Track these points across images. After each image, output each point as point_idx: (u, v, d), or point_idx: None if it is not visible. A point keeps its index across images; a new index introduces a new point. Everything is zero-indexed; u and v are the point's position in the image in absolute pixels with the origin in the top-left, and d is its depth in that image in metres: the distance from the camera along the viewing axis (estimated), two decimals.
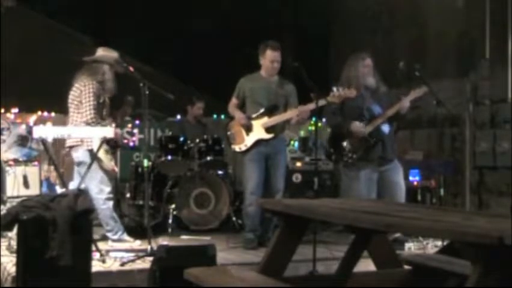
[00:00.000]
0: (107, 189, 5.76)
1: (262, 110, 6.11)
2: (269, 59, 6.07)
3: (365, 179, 5.96)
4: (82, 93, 5.65)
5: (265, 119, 6.09)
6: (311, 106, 5.78)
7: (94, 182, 5.66)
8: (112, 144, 5.72)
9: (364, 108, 6.01)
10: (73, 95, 5.73)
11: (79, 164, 5.70)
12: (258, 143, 6.08)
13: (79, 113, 5.67)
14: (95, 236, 5.28)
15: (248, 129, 6.11)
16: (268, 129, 6.09)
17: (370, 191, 5.95)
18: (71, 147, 5.74)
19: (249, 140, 6.10)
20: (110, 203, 5.80)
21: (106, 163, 5.65)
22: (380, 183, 6.03)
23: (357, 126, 5.94)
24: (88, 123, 5.56)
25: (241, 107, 6.23)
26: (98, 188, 5.68)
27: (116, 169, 5.98)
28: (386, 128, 6.04)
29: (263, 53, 6.09)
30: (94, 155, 5.52)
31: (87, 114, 5.60)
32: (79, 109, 5.67)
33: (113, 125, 5.71)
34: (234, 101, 6.24)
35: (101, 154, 5.55)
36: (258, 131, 6.09)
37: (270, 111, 6.10)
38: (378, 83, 6.10)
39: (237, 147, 6.18)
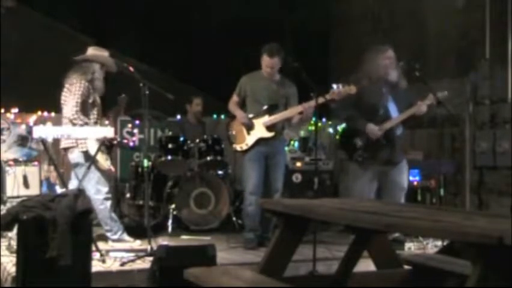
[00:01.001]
0: (105, 189, 5.75)
1: (262, 109, 6.11)
2: (265, 64, 6.08)
3: (369, 177, 5.94)
4: (71, 92, 5.64)
5: (265, 118, 6.10)
6: (313, 103, 5.75)
7: (91, 183, 5.65)
8: (106, 144, 5.70)
9: (380, 106, 5.92)
10: (64, 95, 5.72)
11: (75, 165, 5.69)
12: (259, 142, 6.09)
13: None
14: (95, 236, 5.28)
15: (249, 128, 6.11)
16: (269, 128, 6.09)
17: (371, 189, 5.95)
18: (65, 149, 5.73)
19: (250, 139, 6.11)
20: (108, 203, 5.79)
21: (101, 163, 5.64)
22: (382, 182, 6.02)
23: (372, 128, 5.87)
24: (70, 121, 5.54)
25: (242, 105, 6.24)
26: (95, 188, 5.67)
27: (113, 168, 5.97)
28: (398, 130, 6.00)
29: (262, 56, 6.09)
30: (90, 156, 5.51)
31: (69, 111, 5.57)
32: None
33: (107, 122, 5.70)
34: (234, 98, 6.24)
35: (97, 154, 5.54)
36: (259, 130, 6.09)
37: (271, 111, 6.11)
38: (399, 77, 5.97)
39: (238, 147, 6.18)
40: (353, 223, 3.52)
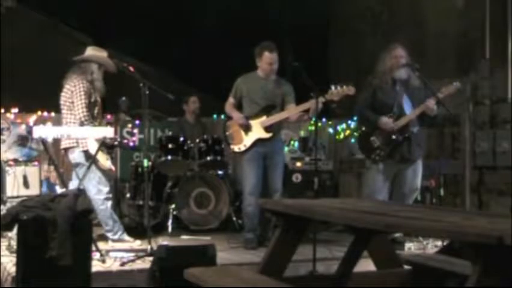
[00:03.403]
0: (106, 189, 5.75)
1: (259, 110, 6.11)
2: (267, 61, 6.05)
3: (385, 176, 5.96)
4: (73, 93, 5.64)
5: (263, 118, 6.09)
6: (322, 99, 5.71)
7: (92, 183, 5.65)
8: (108, 144, 5.71)
9: (395, 105, 5.92)
10: (65, 96, 5.72)
11: (76, 165, 5.70)
12: (257, 142, 6.08)
13: (72, 114, 5.66)
14: (95, 236, 5.28)
15: (246, 129, 6.11)
16: (267, 129, 6.09)
17: (385, 187, 5.98)
18: (66, 149, 5.73)
19: (248, 140, 6.10)
20: (109, 203, 5.79)
21: (102, 162, 5.65)
22: (396, 181, 6.02)
23: (385, 121, 5.86)
24: (81, 123, 5.56)
25: (238, 106, 6.23)
26: (96, 188, 5.67)
27: (113, 168, 5.97)
28: (414, 127, 5.97)
29: (260, 55, 6.07)
30: (91, 156, 5.52)
31: (79, 113, 5.59)
32: (71, 110, 5.67)
33: (108, 124, 5.72)
34: (231, 100, 6.25)
35: (98, 154, 5.54)
36: (257, 131, 6.09)
37: (268, 111, 6.11)
38: (409, 76, 5.94)
39: (236, 148, 6.17)
40: (353, 223, 3.53)
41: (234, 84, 6.25)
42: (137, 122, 7.69)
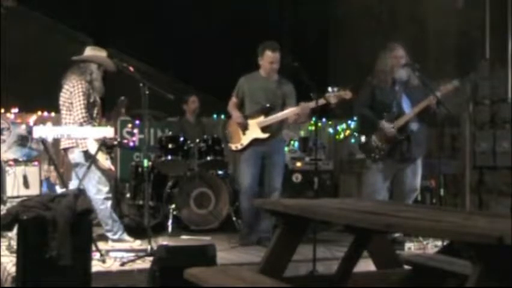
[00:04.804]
0: (105, 189, 5.75)
1: (258, 110, 6.12)
2: (268, 60, 6.07)
3: (384, 175, 5.96)
4: (71, 94, 5.64)
5: (261, 119, 6.11)
6: (312, 104, 5.78)
7: (92, 183, 5.65)
8: (107, 144, 5.71)
9: (394, 103, 5.92)
10: (64, 97, 5.72)
11: (76, 165, 5.70)
12: (254, 142, 6.10)
13: (71, 115, 5.66)
14: (95, 236, 5.28)
15: (244, 128, 6.13)
16: (264, 129, 6.10)
17: (384, 187, 5.98)
18: (65, 149, 5.73)
19: (245, 139, 6.13)
20: (109, 203, 5.79)
21: (101, 162, 5.64)
22: (395, 181, 6.02)
23: (387, 127, 5.86)
24: (80, 124, 5.55)
25: (241, 106, 6.25)
26: (96, 188, 5.67)
27: (113, 168, 5.97)
28: (414, 126, 5.97)
29: (262, 54, 6.10)
30: (90, 156, 5.51)
31: (78, 114, 5.59)
32: (70, 111, 5.66)
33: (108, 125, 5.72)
34: (233, 99, 6.27)
35: (97, 154, 5.54)
36: (254, 130, 6.11)
37: (267, 111, 6.12)
38: (409, 76, 5.94)
39: (233, 146, 6.22)
40: (353, 223, 3.53)
41: (237, 84, 6.27)
42: (137, 122, 7.69)
